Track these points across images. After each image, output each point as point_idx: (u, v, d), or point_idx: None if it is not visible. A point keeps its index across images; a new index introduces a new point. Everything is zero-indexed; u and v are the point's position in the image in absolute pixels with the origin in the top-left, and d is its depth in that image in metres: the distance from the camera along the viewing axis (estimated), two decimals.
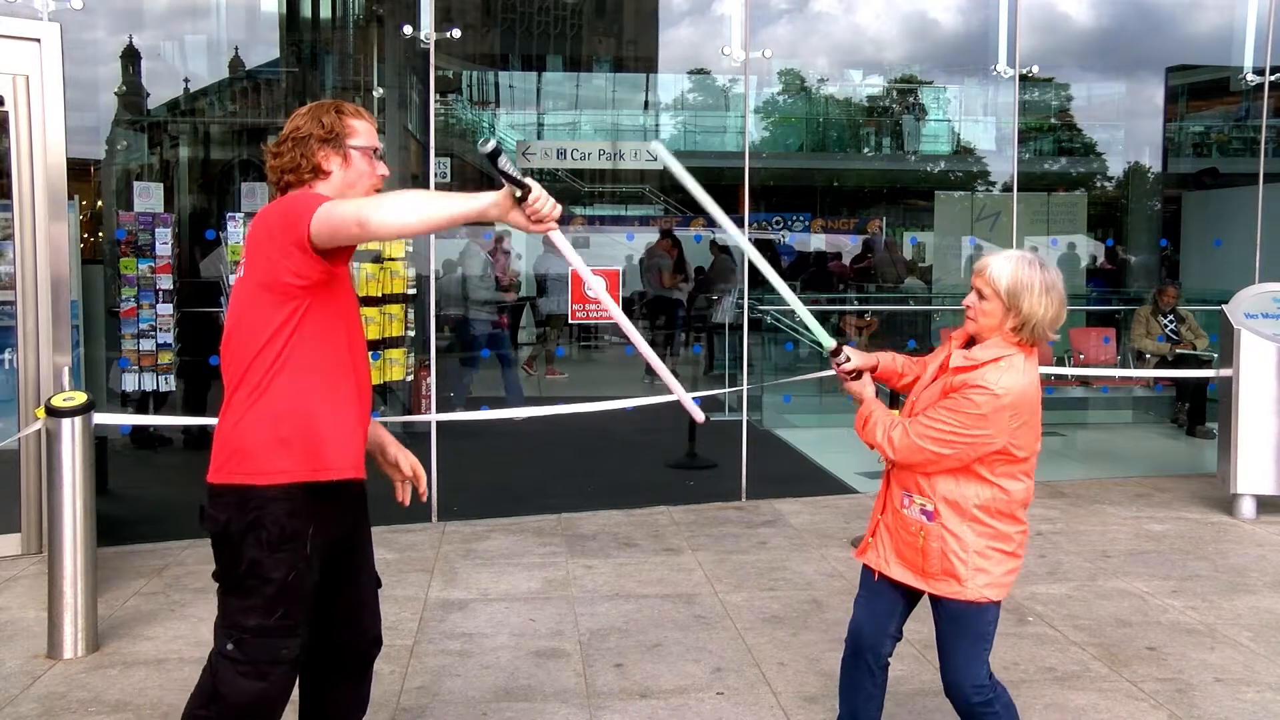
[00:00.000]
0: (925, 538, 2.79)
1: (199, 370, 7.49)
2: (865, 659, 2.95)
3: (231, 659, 2.44)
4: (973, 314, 2.80)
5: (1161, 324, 9.29)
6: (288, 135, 2.52)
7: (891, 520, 2.88)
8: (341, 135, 2.52)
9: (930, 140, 18.52)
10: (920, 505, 2.80)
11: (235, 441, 2.44)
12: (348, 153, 2.53)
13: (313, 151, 2.50)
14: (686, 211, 17.47)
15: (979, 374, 2.71)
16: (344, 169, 2.53)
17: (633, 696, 3.74)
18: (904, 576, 2.85)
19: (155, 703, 3.68)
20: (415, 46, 6.49)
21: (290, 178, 2.52)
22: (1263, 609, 4.66)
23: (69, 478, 4.07)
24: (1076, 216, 11.45)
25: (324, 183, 2.52)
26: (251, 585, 2.44)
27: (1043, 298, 2.71)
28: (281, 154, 2.52)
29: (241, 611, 2.45)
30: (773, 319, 9.85)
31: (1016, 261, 2.75)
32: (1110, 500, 6.63)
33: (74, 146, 5.73)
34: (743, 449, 6.73)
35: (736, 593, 4.86)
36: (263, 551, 2.42)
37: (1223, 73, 10.83)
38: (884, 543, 2.90)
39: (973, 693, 2.82)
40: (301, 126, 2.52)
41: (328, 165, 2.52)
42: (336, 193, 2.50)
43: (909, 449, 2.75)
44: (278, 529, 2.42)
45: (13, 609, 4.60)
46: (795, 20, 17.04)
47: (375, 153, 2.58)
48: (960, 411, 2.69)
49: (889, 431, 2.80)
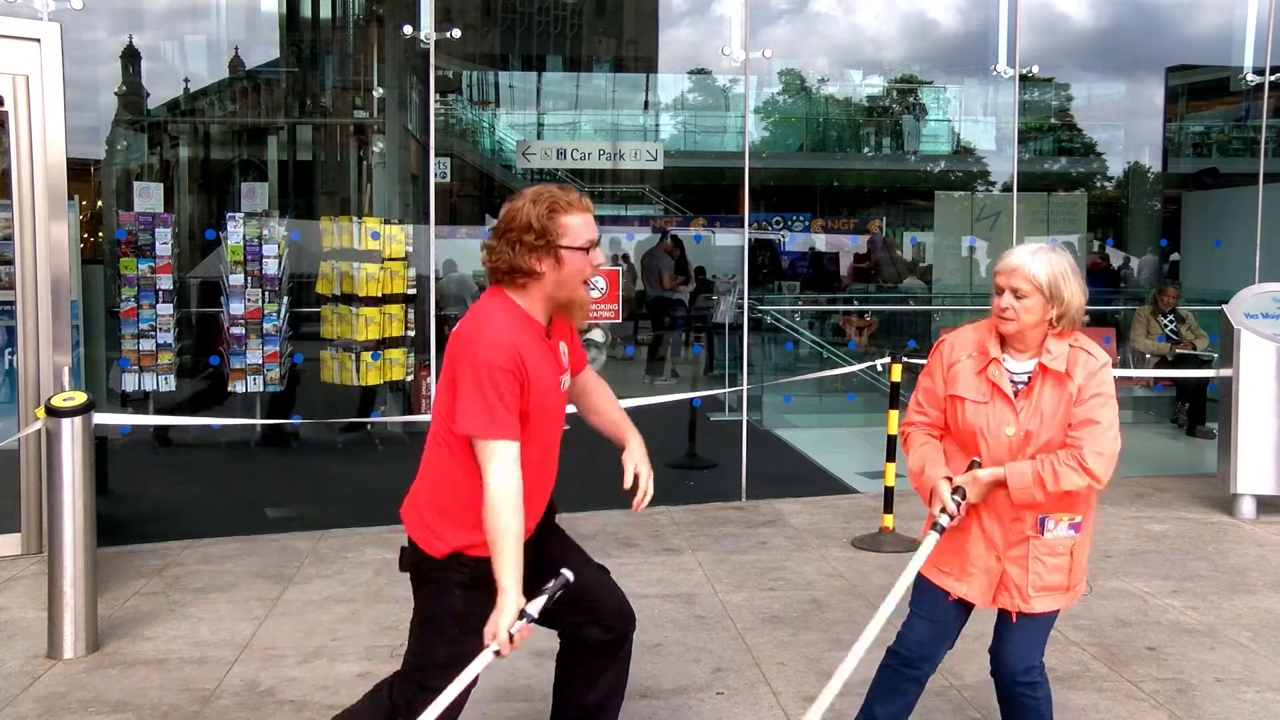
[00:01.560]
0: (1075, 553, 2.78)
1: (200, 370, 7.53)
2: (922, 671, 2.91)
3: (424, 686, 2.57)
4: (1012, 314, 2.73)
5: (1161, 324, 9.29)
6: (502, 230, 2.58)
7: (1031, 552, 2.76)
8: (553, 238, 2.55)
9: (930, 140, 18.52)
10: (1068, 520, 2.76)
11: (439, 505, 2.63)
12: (559, 255, 2.56)
13: (522, 256, 2.55)
14: (686, 211, 17.48)
15: (1088, 361, 2.72)
16: (556, 270, 2.58)
17: (633, 696, 3.73)
18: (1047, 604, 2.79)
19: (155, 703, 3.68)
20: (415, 46, 6.50)
21: (505, 278, 2.60)
22: (1263, 609, 4.66)
23: (69, 478, 4.07)
24: (1076, 216, 11.44)
25: (535, 283, 2.59)
26: (444, 621, 2.60)
27: (1075, 281, 2.74)
28: (494, 250, 2.59)
29: (430, 644, 2.62)
30: (773, 319, 9.87)
31: (1045, 253, 2.74)
32: (1110, 500, 6.63)
33: (74, 146, 5.73)
34: (743, 449, 6.73)
35: (736, 593, 4.86)
36: (459, 590, 2.59)
37: (1223, 73, 10.83)
38: (1018, 582, 2.77)
39: (1023, 672, 2.83)
40: (514, 225, 2.56)
41: (540, 268, 2.56)
42: (545, 293, 2.61)
43: (1110, 463, 2.70)
44: (470, 576, 2.58)
45: (13, 609, 4.60)
46: (795, 20, 17.04)
47: (592, 245, 2.63)
48: (1109, 396, 2.72)
49: (1081, 466, 2.66)
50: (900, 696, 2.95)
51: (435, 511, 2.61)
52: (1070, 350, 2.74)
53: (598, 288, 7.33)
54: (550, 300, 2.63)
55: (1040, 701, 2.86)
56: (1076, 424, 2.70)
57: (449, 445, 2.57)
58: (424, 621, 2.65)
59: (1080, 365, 2.72)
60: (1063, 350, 2.74)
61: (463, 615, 2.55)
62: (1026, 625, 2.83)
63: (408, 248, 7.93)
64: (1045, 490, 2.68)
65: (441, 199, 10.37)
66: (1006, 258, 2.78)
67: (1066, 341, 2.76)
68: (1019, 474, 2.69)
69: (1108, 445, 2.69)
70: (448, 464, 2.59)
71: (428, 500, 2.64)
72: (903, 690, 2.94)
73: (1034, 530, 2.75)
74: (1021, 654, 2.83)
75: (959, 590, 2.83)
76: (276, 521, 5.99)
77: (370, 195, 14.43)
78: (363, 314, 7.68)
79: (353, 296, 7.69)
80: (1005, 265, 2.76)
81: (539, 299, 2.61)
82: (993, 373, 2.77)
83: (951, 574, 2.85)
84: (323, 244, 7.85)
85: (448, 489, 2.59)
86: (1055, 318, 2.73)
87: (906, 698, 2.95)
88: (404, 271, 7.85)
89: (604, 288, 7.32)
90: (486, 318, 2.56)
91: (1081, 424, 2.70)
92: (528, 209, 2.56)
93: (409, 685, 2.63)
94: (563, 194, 2.60)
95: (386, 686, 2.71)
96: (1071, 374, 2.71)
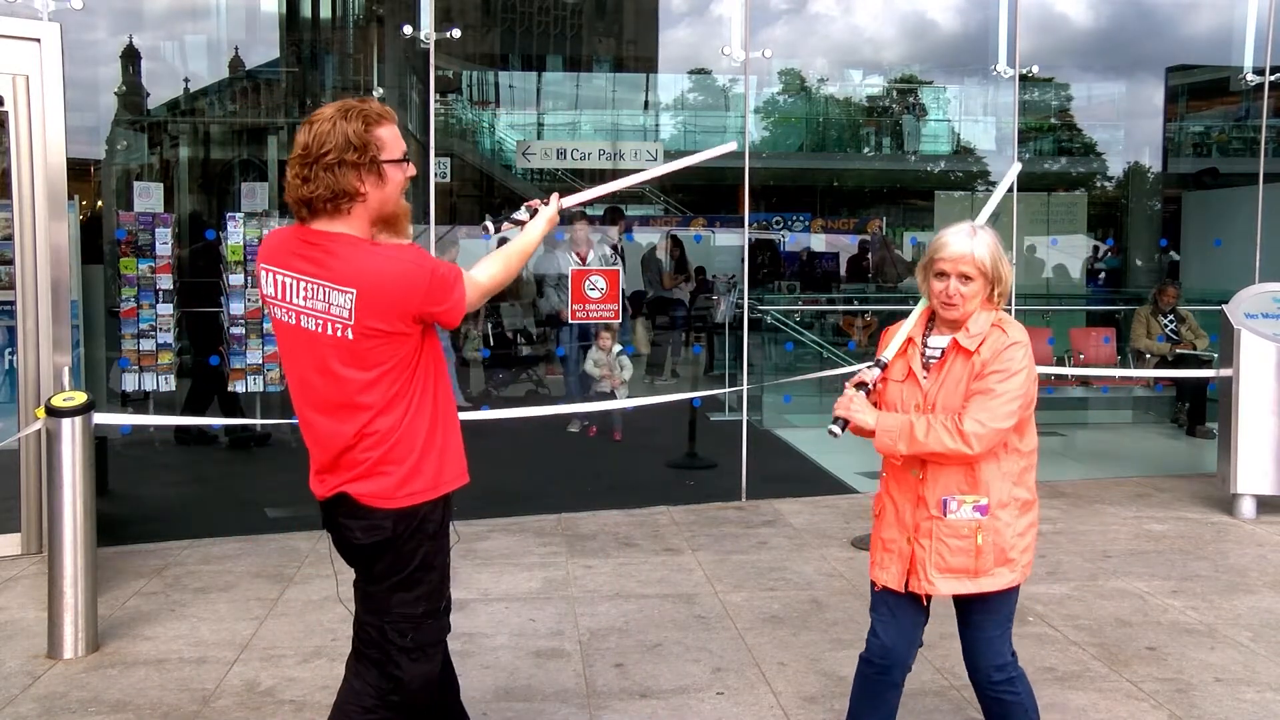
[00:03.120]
0: (980, 536, 2.74)
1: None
2: (894, 676, 2.90)
3: (405, 649, 2.59)
4: (959, 300, 2.74)
5: (1161, 324, 9.29)
6: (315, 157, 2.39)
7: (934, 533, 2.75)
8: (375, 154, 2.43)
9: (930, 140, 18.52)
10: (973, 502, 2.74)
11: (399, 468, 2.54)
12: (382, 170, 2.45)
13: (348, 179, 2.40)
14: (686, 212, 17.48)
15: (999, 338, 2.73)
16: (380, 188, 2.46)
17: (633, 696, 3.74)
18: (954, 587, 2.77)
19: (155, 703, 3.68)
20: (415, 46, 6.49)
21: (328, 205, 2.42)
22: (1263, 609, 4.66)
23: (69, 478, 4.07)
24: (1076, 216, 11.44)
25: (361, 205, 2.45)
26: (419, 577, 2.58)
27: (1005, 256, 2.78)
28: (310, 180, 2.41)
29: (411, 603, 2.59)
30: (773, 319, 9.86)
31: (979, 234, 2.76)
32: (1110, 500, 6.63)
33: (74, 146, 5.74)
34: (743, 449, 6.73)
35: (736, 593, 4.86)
36: (429, 543, 2.59)
37: (1223, 73, 10.83)
38: (922, 563, 2.77)
39: (995, 671, 2.82)
40: (329, 152, 2.39)
41: (364, 188, 2.43)
42: (372, 213, 2.48)
43: (989, 436, 2.66)
44: (437, 521, 2.60)
45: (13, 609, 4.60)
46: (795, 20, 17.05)
47: (405, 156, 2.52)
48: (1012, 374, 2.69)
49: (957, 428, 2.66)
50: (881, 703, 2.94)
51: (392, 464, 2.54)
52: (989, 329, 2.76)
53: (598, 288, 7.34)
54: (375, 222, 2.51)
55: (1022, 695, 2.86)
56: (971, 393, 2.71)
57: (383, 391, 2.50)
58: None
59: (990, 342, 2.74)
60: (982, 329, 2.76)
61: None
62: (984, 622, 2.83)
63: None
64: (911, 442, 2.68)
65: (441, 199, 10.37)
66: (947, 244, 2.76)
67: (989, 318, 2.77)
68: (887, 420, 2.74)
69: (991, 417, 2.66)
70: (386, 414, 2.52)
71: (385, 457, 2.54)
72: (882, 697, 2.94)
73: (937, 510, 2.75)
74: (990, 651, 2.83)
75: (882, 578, 2.85)
76: (276, 521, 5.99)
77: None
78: None
79: None
80: (951, 253, 2.75)
81: (364, 223, 2.48)
82: (909, 352, 2.84)
83: (878, 562, 2.88)
84: None
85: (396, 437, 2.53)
86: (996, 295, 2.77)
87: (888, 704, 2.94)
88: None
89: (604, 288, 7.32)
90: (378, 258, 2.44)
91: (975, 393, 2.70)
92: (341, 126, 2.39)
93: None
94: (368, 105, 2.46)
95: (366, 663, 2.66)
96: (980, 350, 2.74)
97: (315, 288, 2.45)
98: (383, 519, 2.53)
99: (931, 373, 2.80)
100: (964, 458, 2.68)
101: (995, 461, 2.74)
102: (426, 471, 2.55)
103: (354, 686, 2.66)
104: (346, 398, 2.50)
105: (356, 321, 2.42)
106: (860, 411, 2.78)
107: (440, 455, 2.58)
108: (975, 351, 2.73)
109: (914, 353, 2.83)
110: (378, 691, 2.62)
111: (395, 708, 2.63)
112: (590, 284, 7.33)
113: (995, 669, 2.82)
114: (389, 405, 2.50)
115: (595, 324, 7.87)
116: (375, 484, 2.53)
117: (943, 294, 2.76)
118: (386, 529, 2.54)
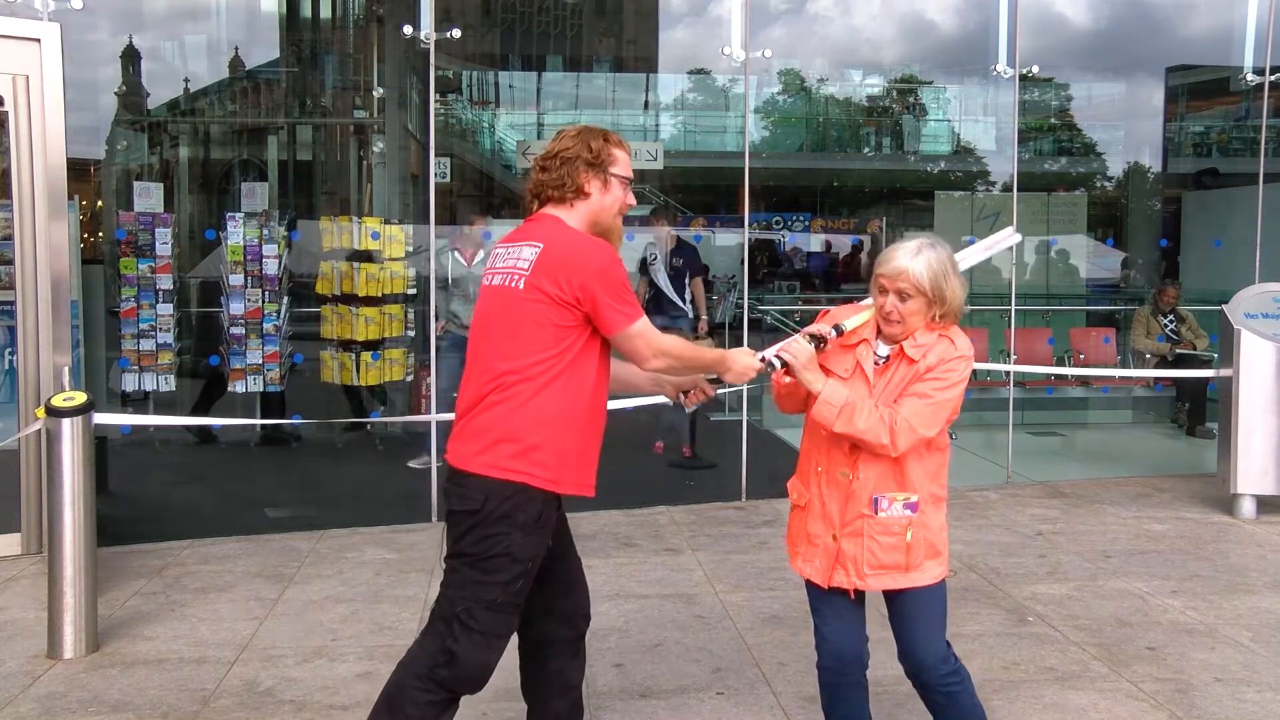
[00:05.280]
0: (910, 532, 2.74)
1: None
2: (852, 674, 2.89)
3: (468, 627, 2.63)
4: (897, 317, 2.73)
5: (1161, 324, 9.30)
6: (556, 153, 2.76)
7: (865, 530, 2.75)
8: (606, 162, 2.76)
9: (930, 140, 18.54)
10: (904, 500, 2.74)
11: (512, 435, 2.62)
12: (609, 179, 2.78)
13: (578, 173, 2.74)
14: (686, 211, 17.49)
15: (947, 349, 2.73)
16: (603, 193, 2.78)
17: (633, 696, 3.74)
18: (884, 583, 2.76)
19: (155, 703, 3.68)
20: (415, 46, 6.49)
21: (554, 193, 2.76)
22: (1263, 609, 4.66)
23: (69, 478, 4.07)
24: (1076, 216, 11.45)
25: (583, 202, 2.76)
26: (500, 563, 2.62)
27: (955, 278, 2.75)
28: (548, 169, 2.76)
29: (484, 585, 2.63)
30: (773, 319, 9.87)
31: (924, 252, 2.72)
32: (1110, 500, 6.63)
33: (74, 146, 5.73)
34: (743, 449, 6.73)
35: (736, 593, 4.86)
36: (515, 533, 2.62)
37: (1223, 73, 10.83)
38: (851, 561, 2.76)
39: (940, 664, 2.82)
40: (570, 148, 2.75)
41: (589, 188, 2.76)
42: (591, 213, 2.77)
43: (913, 439, 2.67)
44: (536, 514, 2.64)
45: (13, 609, 4.60)
46: (795, 20, 17.06)
47: (629, 183, 2.82)
48: (950, 385, 2.71)
49: (891, 425, 2.66)
50: (848, 704, 2.94)
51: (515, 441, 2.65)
52: (937, 339, 2.76)
53: None
54: (591, 225, 2.77)
55: (966, 681, 2.87)
56: (907, 393, 2.71)
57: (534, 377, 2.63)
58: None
59: (936, 350, 2.74)
60: (929, 340, 2.76)
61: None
62: (922, 617, 2.82)
63: (407, 248, 7.92)
64: (848, 422, 2.68)
65: (441, 199, 10.37)
66: (890, 259, 2.75)
67: (937, 333, 2.77)
68: (833, 392, 2.72)
69: (920, 420, 2.67)
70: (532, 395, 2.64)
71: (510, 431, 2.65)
72: (847, 697, 2.93)
73: (868, 508, 2.75)
74: (932, 646, 2.82)
75: (806, 570, 2.85)
76: (276, 521, 5.99)
77: (370, 195, 14.45)
78: (362, 314, 7.68)
79: (353, 296, 7.69)
80: (890, 268, 2.73)
81: (584, 222, 2.77)
82: (860, 352, 2.82)
83: (800, 554, 2.87)
84: (323, 244, 7.85)
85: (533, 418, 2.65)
86: (939, 316, 2.75)
87: (854, 702, 2.94)
88: (404, 271, 7.85)
89: None
90: (612, 268, 2.67)
91: (911, 394, 2.71)
92: (583, 134, 2.78)
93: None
94: (612, 132, 2.83)
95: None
96: (926, 357, 2.74)
97: (514, 248, 2.73)
98: (477, 489, 2.62)
99: (877, 375, 2.80)
100: (884, 451, 2.69)
101: (920, 459, 2.76)
102: (541, 459, 2.62)
103: (414, 651, 2.73)
104: (494, 346, 2.67)
105: (531, 273, 2.64)
106: (809, 370, 2.76)
107: (562, 454, 2.66)
108: (923, 358, 2.74)
109: (866, 352, 2.82)
110: (431, 661, 2.66)
111: (444, 683, 2.65)
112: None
113: (940, 661, 2.82)
114: (529, 374, 2.62)
115: None
116: (482, 449, 2.63)
117: (883, 309, 2.76)
118: (477, 500, 2.61)
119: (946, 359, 2.72)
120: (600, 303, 2.62)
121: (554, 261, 2.63)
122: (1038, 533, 5.84)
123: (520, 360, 2.63)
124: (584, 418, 2.69)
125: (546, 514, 2.66)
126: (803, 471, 2.91)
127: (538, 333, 2.62)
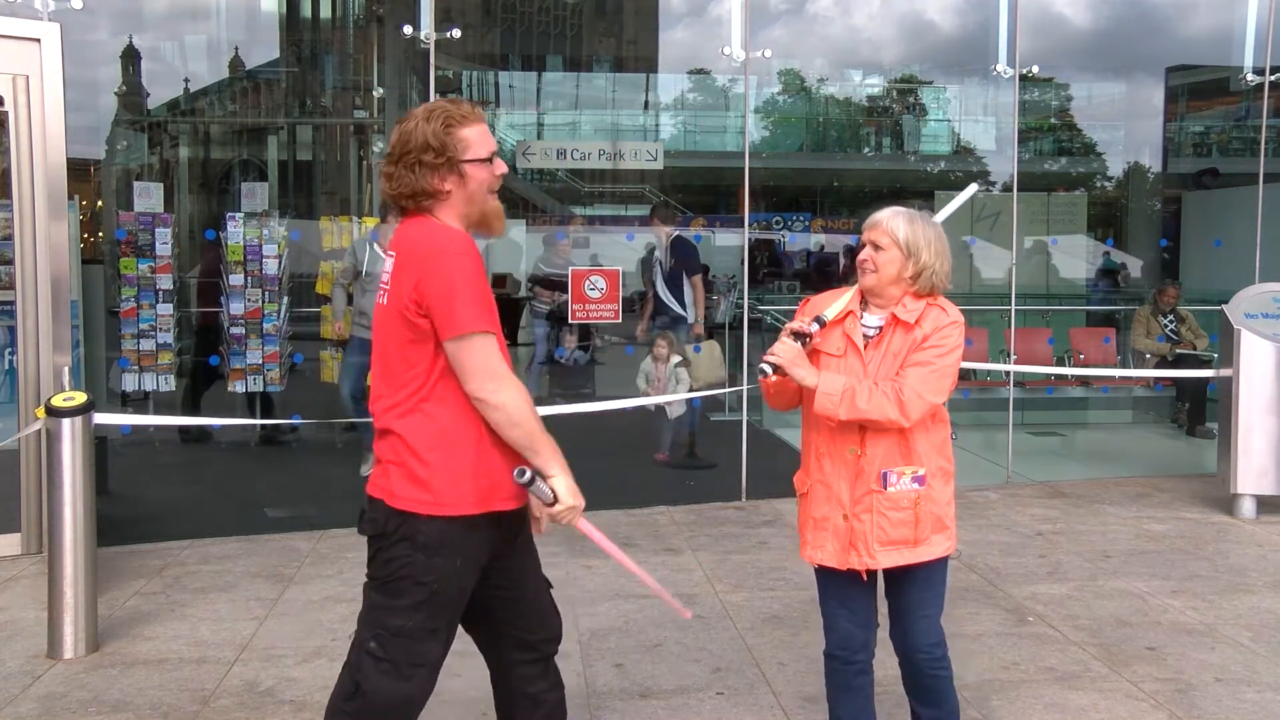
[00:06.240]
0: (919, 505, 2.77)
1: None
2: (858, 662, 2.91)
3: (374, 656, 2.47)
4: (871, 265, 2.82)
5: (1161, 324, 9.29)
6: (397, 155, 2.46)
7: (875, 506, 2.77)
8: (454, 154, 2.46)
9: (930, 140, 18.54)
10: (912, 473, 2.77)
11: (400, 459, 2.45)
12: (462, 171, 2.48)
13: (426, 178, 2.45)
14: (686, 212, 17.49)
15: (939, 316, 2.80)
16: (462, 187, 2.49)
17: (633, 696, 3.74)
18: (895, 559, 2.78)
19: (155, 703, 3.68)
20: (415, 46, 6.49)
21: (410, 203, 2.49)
22: (1263, 609, 4.66)
23: (69, 478, 4.07)
24: (1076, 216, 11.45)
25: (444, 201, 2.48)
26: (402, 587, 2.45)
27: (937, 246, 2.83)
28: (393, 177, 2.47)
29: (389, 611, 2.47)
30: (772, 319, 9.85)
31: (907, 215, 2.84)
32: (1110, 500, 6.63)
33: (74, 146, 5.73)
34: (743, 449, 6.73)
35: (736, 593, 4.86)
36: (418, 555, 2.44)
37: (1223, 73, 10.82)
38: (863, 537, 2.79)
39: (935, 648, 2.85)
40: (411, 147, 2.45)
41: (445, 186, 2.47)
42: (457, 209, 2.50)
43: (923, 408, 2.71)
44: (436, 537, 2.44)
45: (13, 609, 4.60)
46: (795, 20, 17.07)
47: (493, 154, 2.53)
48: (949, 350, 2.77)
49: (898, 397, 2.69)
50: (855, 694, 2.94)
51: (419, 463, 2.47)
52: (926, 306, 2.83)
53: (598, 288, 7.31)
54: (464, 218, 2.53)
55: (949, 671, 2.90)
56: (910, 364, 2.76)
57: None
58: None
59: (930, 318, 2.80)
60: (919, 306, 2.82)
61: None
62: (923, 599, 2.84)
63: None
64: (851, 407, 2.70)
65: None
66: (873, 216, 2.88)
67: (925, 302, 2.84)
68: (830, 382, 2.74)
69: (928, 389, 2.72)
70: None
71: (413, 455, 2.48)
72: (854, 686, 2.94)
73: (877, 484, 2.77)
74: (930, 629, 2.84)
75: (818, 557, 2.86)
76: (276, 521, 5.99)
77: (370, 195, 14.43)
78: None
79: (352, 296, 7.67)
80: (868, 222, 2.87)
81: (454, 217, 2.51)
82: (848, 326, 2.86)
83: (810, 541, 2.88)
84: (323, 244, 7.84)
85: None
86: (912, 275, 2.80)
87: (861, 692, 2.94)
88: None
89: (604, 288, 7.31)
90: (460, 273, 2.42)
91: (914, 364, 2.75)
92: (421, 127, 2.45)
93: None
94: (455, 107, 2.50)
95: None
96: (921, 324, 2.80)
97: (388, 260, 2.53)
98: (379, 513, 2.49)
99: (870, 348, 2.84)
100: (897, 426, 2.73)
101: (926, 432, 2.79)
102: (434, 483, 2.43)
103: (339, 680, 2.59)
104: (381, 367, 2.52)
105: (391, 286, 2.46)
106: (799, 366, 2.78)
107: (456, 474, 2.45)
108: (916, 324, 2.79)
109: (854, 326, 2.86)
110: (342, 693, 2.53)
111: (356, 716, 2.49)
112: (590, 284, 7.29)
113: (934, 645, 2.84)
114: (413, 392, 2.44)
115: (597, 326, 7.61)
116: (382, 473, 2.51)
117: (860, 261, 2.86)
118: (379, 523, 2.48)
119: (940, 326, 2.79)
120: (434, 302, 2.36)
121: (401, 267, 2.43)
122: (1038, 533, 5.84)
123: (400, 379, 2.46)
124: (477, 430, 2.45)
125: (453, 537, 2.44)
126: (806, 459, 2.94)
127: (408, 350, 2.43)
